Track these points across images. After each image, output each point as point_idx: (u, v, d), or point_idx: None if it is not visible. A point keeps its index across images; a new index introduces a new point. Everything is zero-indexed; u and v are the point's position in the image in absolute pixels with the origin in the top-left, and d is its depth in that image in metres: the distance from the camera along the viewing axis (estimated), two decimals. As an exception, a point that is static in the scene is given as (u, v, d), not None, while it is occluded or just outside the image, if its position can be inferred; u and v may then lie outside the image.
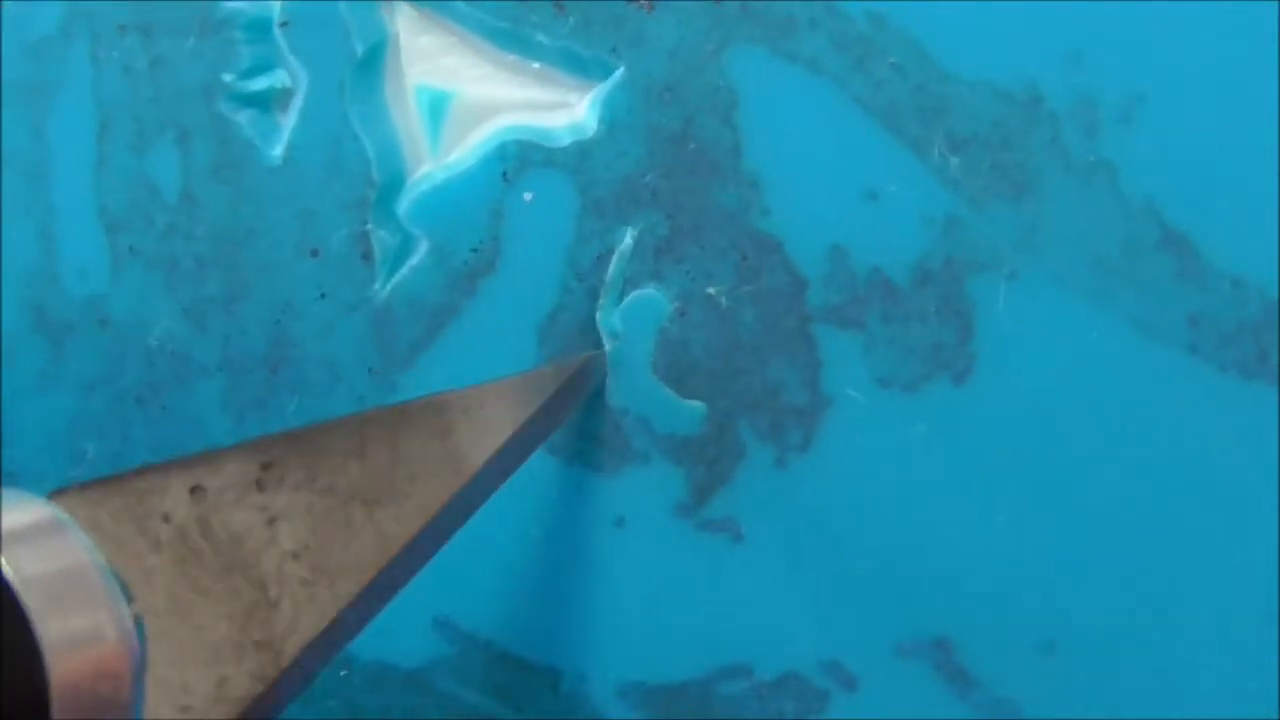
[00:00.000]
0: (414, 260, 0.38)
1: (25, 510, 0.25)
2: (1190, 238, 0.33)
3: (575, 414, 0.37)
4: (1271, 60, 0.32)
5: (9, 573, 0.24)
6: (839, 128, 0.35)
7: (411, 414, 0.29)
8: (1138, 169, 0.33)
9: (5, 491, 0.25)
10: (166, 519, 0.27)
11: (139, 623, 0.25)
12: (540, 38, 0.37)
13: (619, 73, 0.36)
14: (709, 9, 0.35)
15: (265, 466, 0.27)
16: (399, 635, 0.39)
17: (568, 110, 0.38)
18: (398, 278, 0.39)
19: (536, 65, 0.38)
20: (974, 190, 0.34)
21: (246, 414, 0.40)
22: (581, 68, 0.37)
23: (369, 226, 0.39)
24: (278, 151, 0.39)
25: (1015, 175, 0.34)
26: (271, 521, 0.27)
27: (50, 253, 0.41)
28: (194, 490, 0.27)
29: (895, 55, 0.34)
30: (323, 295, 0.39)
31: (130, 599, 0.25)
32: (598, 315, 0.37)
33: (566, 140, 0.37)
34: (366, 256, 0.39)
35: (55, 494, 0.26)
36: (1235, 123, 0.32)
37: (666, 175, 0.36)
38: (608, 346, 0.37)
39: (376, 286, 0.39)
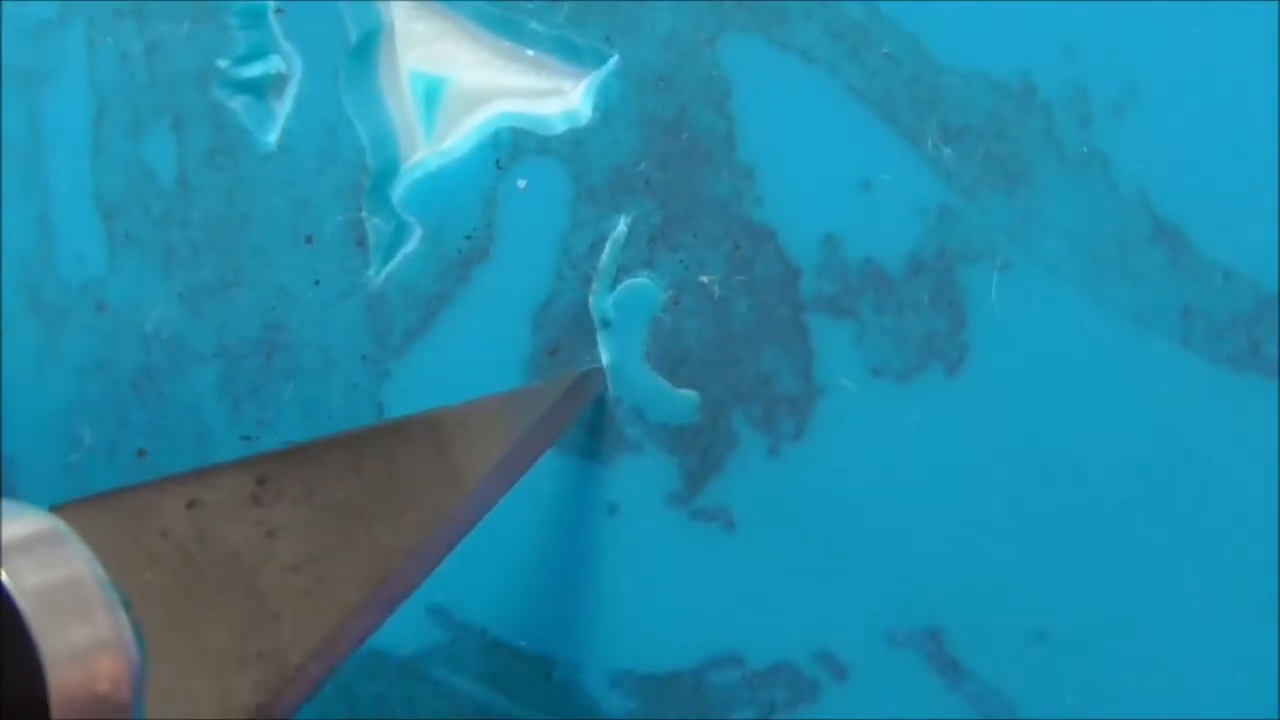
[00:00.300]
0: (408, 247, 0.38)
1: (24, 521, 0.25)
2: (1183, 230, 0.33)
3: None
4: (1266, 52, 0.32)
5: (9, 583, 0.24)
6: (833, 117, 0.35)
7: (407, 430, 0.29)
8: (1131, 161, 0.33)
9: (5, 503, 0.25)
10: (164, 534, 0.27)
11: (139, 632, 0.25)
12: (534, 25, 0.37)
13: (613, 61, 0.36)
14: (703, -2, 0.35)
15: (261, 481, 0.27)
16: (393, 623, 0.39)
17: (562, 98, 0.38)
18: (392, 265, 0.39)
19: (531, 52, 0.38)
20: (967, 181, 0.34)
21: (242, 400, 0.40)
22: (576, 55, 0.37)
23: (363, 213, 0.39)
24: (272, 138, 0.39)
25: (1009, 166, 0.34)
26: (270, 535, 0.27)
27: (47, 237, 0.41)
28: (190, 505, 0.27)
29: (889, 45, 0.34)
30: (317, 282, 0.39)
31: (129, 608, 0.25)
32: (591, 302, 0.37)
33: (561, 128, 0.37)
34: (361, 243, 0.39)
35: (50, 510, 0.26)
36: (1229, 115, 0.32)
37: (660, 164, 0.36)
38: (600, 333, 0.37)
39: (371, 273, 0.39)
